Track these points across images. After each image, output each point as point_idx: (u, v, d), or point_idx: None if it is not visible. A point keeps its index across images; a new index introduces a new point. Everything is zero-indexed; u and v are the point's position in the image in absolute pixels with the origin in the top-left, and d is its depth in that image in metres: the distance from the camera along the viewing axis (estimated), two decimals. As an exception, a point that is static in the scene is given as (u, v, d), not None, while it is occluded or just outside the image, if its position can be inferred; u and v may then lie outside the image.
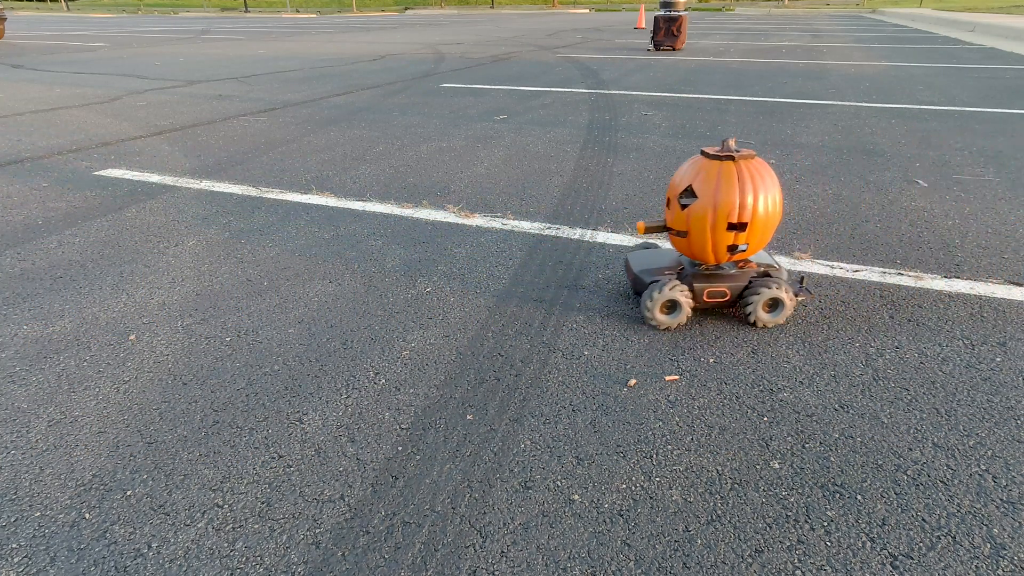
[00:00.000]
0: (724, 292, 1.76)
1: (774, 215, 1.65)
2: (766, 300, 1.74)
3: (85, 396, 1.51)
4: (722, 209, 1.62)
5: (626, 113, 4.95)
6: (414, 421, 1.41)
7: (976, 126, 4.34)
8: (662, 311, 1.76)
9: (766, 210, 1.63)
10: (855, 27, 16.35)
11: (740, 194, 1.61)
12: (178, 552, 1.08)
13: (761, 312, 1.75)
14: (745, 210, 1.61)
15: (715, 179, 1.63)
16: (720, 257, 1.71)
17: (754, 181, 1.62)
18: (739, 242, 1.66)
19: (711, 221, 1.64)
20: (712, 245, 1.68)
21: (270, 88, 6.37)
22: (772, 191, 1.64)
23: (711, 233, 1.65)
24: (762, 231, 1.66)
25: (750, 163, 1.64)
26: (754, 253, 1.75)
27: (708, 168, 1.64)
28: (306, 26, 19.32)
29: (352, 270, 2.19)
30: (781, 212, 1.69)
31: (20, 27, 19.28)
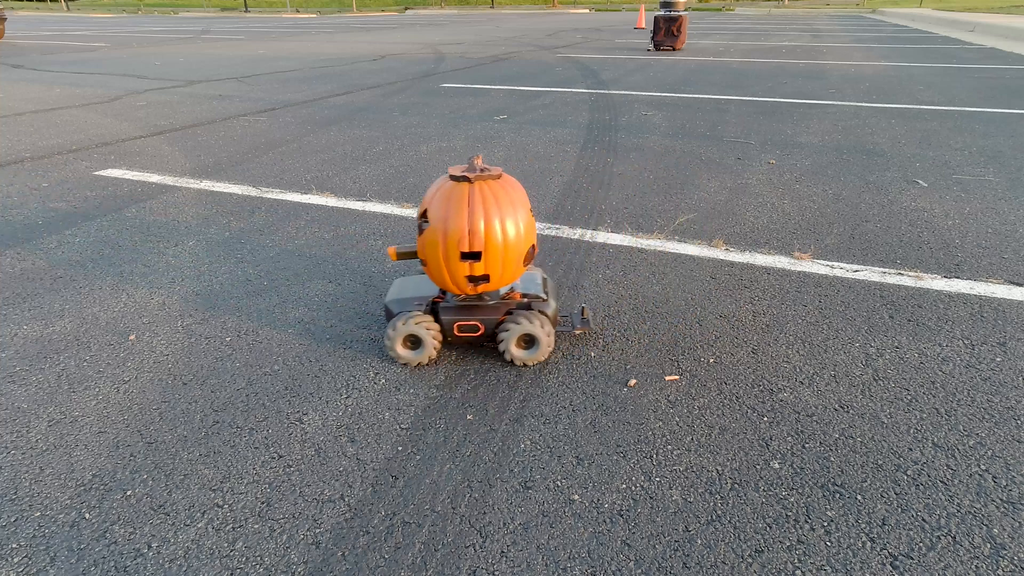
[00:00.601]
0: (476, 326, 1.60)
1: (516, 242, 1.47)
2: (519, 336, 1.56)
3: (85, 396, 1.51)
4: (451, 236, 1.44)
5: (626, 113, 4.95)
6: (414, 421, 1.41)
7: (976, 126, 4.34)
8: (404, 346, 1.60)
9: (504, 237, 1.45)
10: (855, 27, 16.35)
11: (470, 220, 1.43)
12: (178, 552, 1.09)
13: (514, 349, 1.58)
14: (476, 237, 1.43)
15: (445, 203, 1.45)
16: (463, 288, 1.53)
17: (487, 205, 1.44)
18: (476, 272, 1.48)
19: (443, 249, 1.46)
20: (449, 275, 1.50)
21: (270, 88, 6.37)
22: (513, 215, 1.46)
23: (445, 262, 1.48)
24: (505, 260, 1.48)
25: (487, 185, 1.46)
26: (504, 284, 1.55)
27: (444, 190, 1.47)
28: (306, 26, 19.32)
29: (352, 270, 2.19)
30: (531, 236, 1.52)
31: (20, 27, 19.28)
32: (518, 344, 1.59)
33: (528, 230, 1.51)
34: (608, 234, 2.49)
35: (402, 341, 1.59)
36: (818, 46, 10.68)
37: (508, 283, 1.57)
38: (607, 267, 2.19)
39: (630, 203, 2.85)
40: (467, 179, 1.45)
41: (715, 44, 11.34)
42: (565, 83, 6.58)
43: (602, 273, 2.14)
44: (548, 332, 1.57)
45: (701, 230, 2.52)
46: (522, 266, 1.55)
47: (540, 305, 1.62)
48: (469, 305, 1.61)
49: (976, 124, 4.41)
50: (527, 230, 1.50)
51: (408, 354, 1.60)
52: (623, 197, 2.93)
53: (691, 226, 2.56)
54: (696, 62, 8.37)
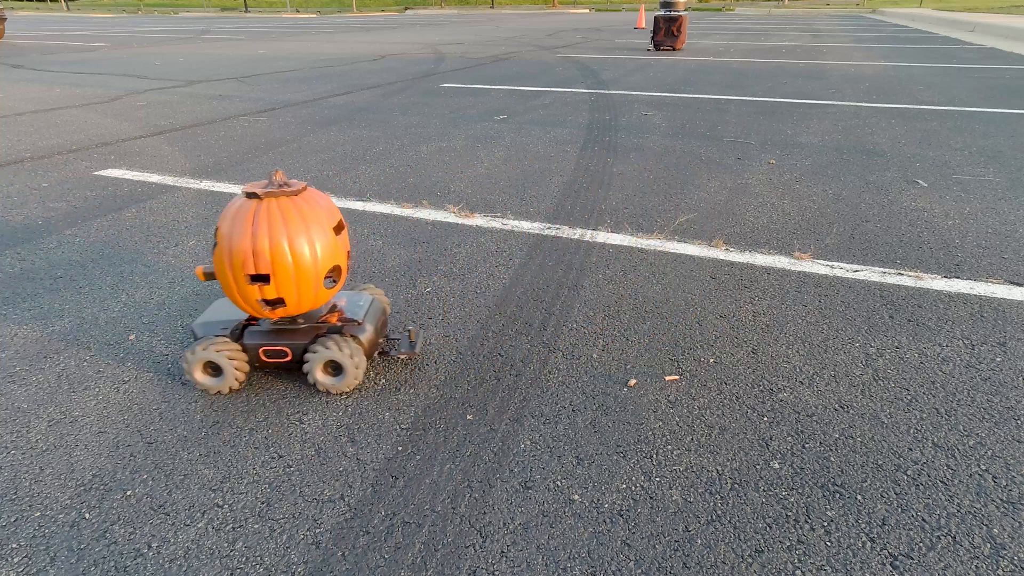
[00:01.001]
0: (284, 351, 1.50)
1: (311, 263, 1.37)
2: (323, 363, 1.47)
3: (85, 396, 1.51)
4: (236, 257, 1.34)
5: (626, 113, 4.95)
6: (414, 421, 1.41)
7: (976, 126, 4.34)
8: (204, 373, 1.48)
9: (295, 259, 1.35)
10: (855, 27, 16.35)
11: (254, 239, 1.33)
12: (178, 552, 1.09)
13: (320, 376, 1.48)
14: (261, 259, 1.33)
15: (232, 221, 1.35)
16: (259, 312, 1.43)
17: (272, 223, 1.34)
18: (267, 296, 1.38)
19: (230, 271, 1.36)
20: (242, 298, 1.40)
21: (270, 88, 6.37)
22: (306, 234, 1.36)
23: (234, 284, 1.38)
24: (299, 283, 1.38)
25: (279, 202, 1.36)
26: (304, 308, 1.45)
27: (234, 207, 1.38)
28: (306, 26, 19.32)
29: (352, 270, 2.19)
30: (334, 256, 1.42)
31: (20, 27, 19.28)
32: (324, 371, 1.48)
33: (329, 250, 1.40)
34: (608, 234, 2.49)
35: (201, 368, 1.47)
36: (818, 46, 10.68)
37: (310, 307, 1.46)
38: (607, 267, 2.19)
39: (630, 203, 2.85)
40: (256, 196, 1.36)
41: (715, 44, 11.34)
42: (565, 83, 6.58)
43: (602, 273, 2.14)
44: (356, 359, 1.46)
45: (701, 230, 2.52)
46: (324, 289, 1.44)
47: (353, 330, 1.51)
48: (279, 329, 1.51)
49: (976, 124, 4.41)
50: (326, 251, 1.40)
51: (208, 381, 1.49)
52: (623, 197, 2.93)
53: (691, 226, 2.56)
54: (696, 62, 8.37)
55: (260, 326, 1.53)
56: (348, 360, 1.45)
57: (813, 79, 6.70)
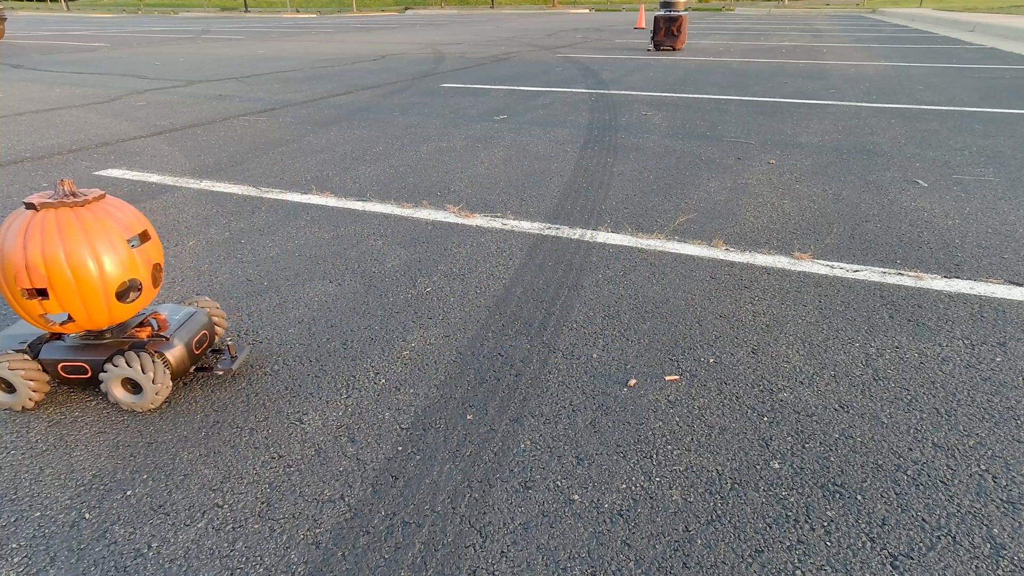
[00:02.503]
0: (83, 367, 1.42)
1: (96, 278, 1.31)
2: (120, 380, 1.40)
3: (85, 396, 1.51)
4: (8, 270, 1.28)
5: (626, 113, 4.95)
6: (414, 421, 1.41)
7: (976, 126, 4.34)
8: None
9: (76, 273, 1.29)
10: (855, 27, 16.35)
11: (26, 252, 1.27)
12: (178, 552, 1.09)
13: (118, 393, 1.41)
14: (35, 272, 1.27)
15: (5, 232, 1.31)
16: (47, 327, 1.37)
17: (47, 236, 1.27)
18: (49, 311, 1.32)
19: (4, 284, 1.30)
20: (25, 312, 1.34)
21: (270, 88, 6.37)
22: (89, 247, 1.30)
23: (12, 299, 1.32)
24: (85, 298, 1.32)
25: (56, 213, 1.30)
26: (98, 324, 1.38)
27: (11, 218, 1.33)
28: (306, 26, 19.32)
29: (352, 270, 2.19)
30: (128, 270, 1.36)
31: (20, 27, 19.28)
32: (123, 388, 1.41)
33: (120, 263, 1.34)
34: (608, 234, 2.49)
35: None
36: (818, 46, 10.68)
37: (107, 323, 1.39)
38: (607, 267, 2.19)
39: (630, 203, 2.85)
40: (33, 206, 1.30)
41: (715, 44, 11.34)
42: (565, 83, 6.58)
43: (602, 273, 2.14)
44: (153, 376, 1.38)
45: (701, 230, 2.52)
46: (119, 303, 1.37)
47: (159, 346, 1.42)
48: (82, 345, 1.43)
49: (976, 124, 4.41)
50: (117, 264, 1.33)
51: (2, 397, 1.41)
52: (623, 197, 2.93)
53: (691, 226, 2.56)
54: (696, 62, 8.37)
55: (64, 341, 1.45)
56: (144, 377, 1.37)
57: (813, 79, 6.70)
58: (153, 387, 1.39)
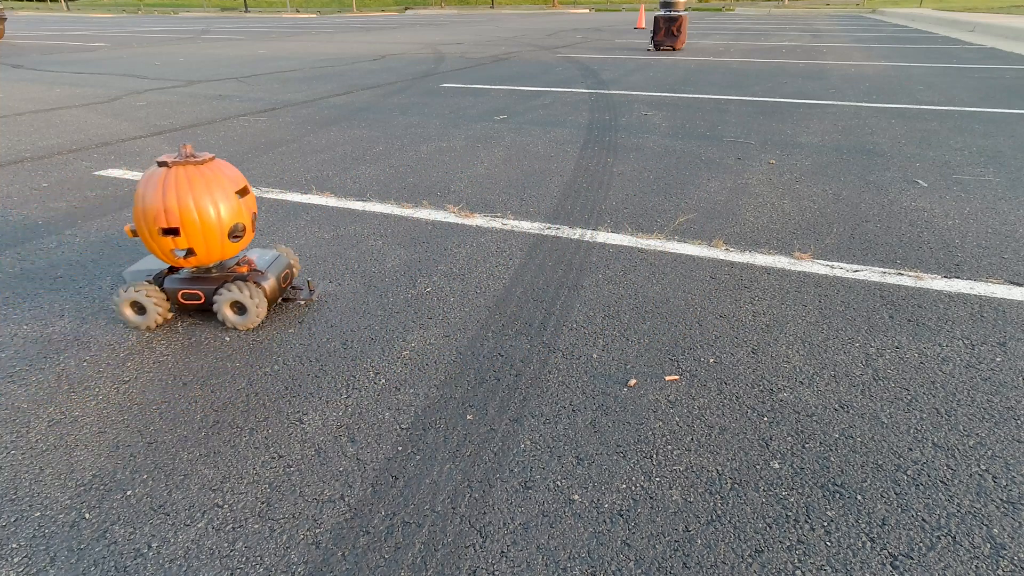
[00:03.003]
0: (198, 295, 1.80)
1: (215, 220, 1.67)
2: (229, 303, 1.76)
3: (85, 396, 1.51)
4: (149, 213, 1.64)
5: (626, 113, 4.95)
6: (414, 421, 1.41)
7: (976, 126, 4.34)
8: (132, 311, 1.79)
9: (201, 216, 1.65)
10: (855, 27, 16.35)
11: (164, 199, 1.63)
12: (178, 552, 1.09)
13: (227, 313, 1.78)
14: (172, 215, 1.63)
15: (146, 184, 1.65)
16: (171, 260, 1.73)
17: (179, 187, 1.63)
18: (179, 246, 1.67)
19: (146, 225, 1.66)
20: (158, 248, 1.69)
21: (270, 88, 6.37)
22: (210, 197, 1.66)
23: (150, 237, 1.67)
24: (206, 236, 1.68)
25: (186, 170, 1.65)
26: (214, 258, 1.75)
27: (148, 174, 1.68)
28: (306, 26, 19.32)
29: (352, 270, 2.19)
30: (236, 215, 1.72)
31: (20, 27, 19.28)
32: (231, 309, 1.78)
33: (231, 210, 1.71)
34: (608, 234, 2.49)
35: (128, 306, 1.79)
36: (818, 46, 10.68)
37: (219, 258, 1.76)
38: (607, 267, 2.19)
39: (630, 203, 2.85)
40: (166, 164, 1.65)
41: (715, 44, 11.34)
42: (565, 83, 6.58)
43: (602, 273, 2.14)
44: (257, 301, 1.76)
45: (701, 230, 2.52)
46: (228, 241, 1.73)
47: (257, 278, 1.80)
48: (195, 277, 1.81)
49: (976, 124, 4.41)
50: (229, 210, 1.70)
51: (134, 318, 1.80)
52: (623, 197, 2.93)
53: (691, 226, 2.56)
54: (696, 62, 8.37)
55: (180, 274, 1.82)
56: (250, 302, 1.75)
57: (813, 79, 6.70)
58: (255, 309, 1.77)
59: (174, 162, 1.65)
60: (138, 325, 1.80)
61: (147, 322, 1.79)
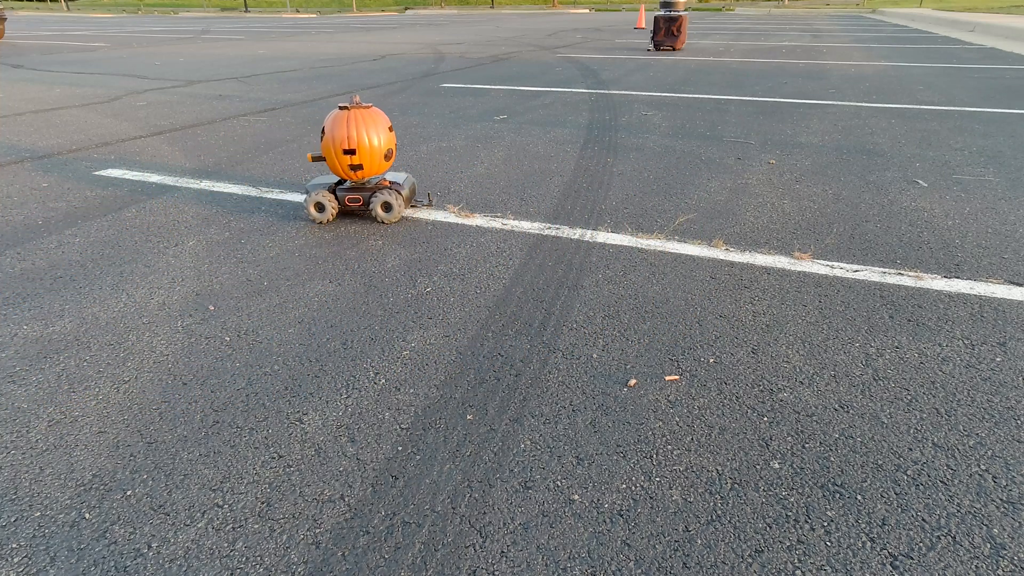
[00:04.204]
0: (358, 199, 2.61)
1: (378, 146, 2.48)
2: (381, 203, 2.59)
3: (85, 396, 1.51)
4: (337, 140, 2.44)
5: (626, 113, 4.95)
6: (414, 421, 1.41)
7: (976, 126, 4.34)
8: (314, 209, 2.59)
9: (373, 142, 2.46)
10: (855, 27, 16.35)
11: (348, 129, 2.43)
12: (178, 552, 1.09)
13: (380, 211, 2.60)
14: (353, 140, 2.43)
15: (333, 122, 2.45)
16: (347, 174, 2.52)
17: (357, 123, 2.43)
18: (354, 162, 2.47)
19: (333, 148, 2.45)
20: (339, 165, 2.49)
21: (270, 88, 6.37)
22: (376, 130, 2.46)
23: (335, 155, 2.47)
24: (371, 156, 2.48)
25: (359, 111, 2.47)
26: (372, 172, 2.53)
27: (333, 115, 2.47)
28: (306, 26, 19.32)
29: (352, 270, 2.19)
30: (389, 144, 2.52)
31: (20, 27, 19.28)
32: (382, 208, 2.60)
33: (385, 139, 2.51)
34: (608, 234, 2.49)
35: (313, 206, 2.58)
36: (818, 46, 10.68)
37: (376, 173, 2.55)
38: (607, 267, 2.19)
39: (630, 203, 2.85)
40: (346, 107, 2.47)
41: (715, 44, 11.34)
42: (565, 83, 6.58)
43: (602, 273, 2.14)
44: (399, 203, 2.59)
45: (701, 230, 2.52)
46: (384, 162, 2.53)
47: (397, 188, 2.61)
48: (355, 187, 2.61)
49: (976, 124, 4.41)
50: (385, 140, 2.50)
51: (317, 215, 2.60)
52: (623, 197, 2.93)
53: (691, 226, 2.57)
54: (696, 62, 8.37)
55: (343, 186, 2.63)
56: (396, 202, 2.59)
57: (813, 79, 6.70)
58: (398, 208, 2.60)
59: (352, 107, 2.46)
60: (319, 219, 2.60)
61: (324, 217, 2.60)
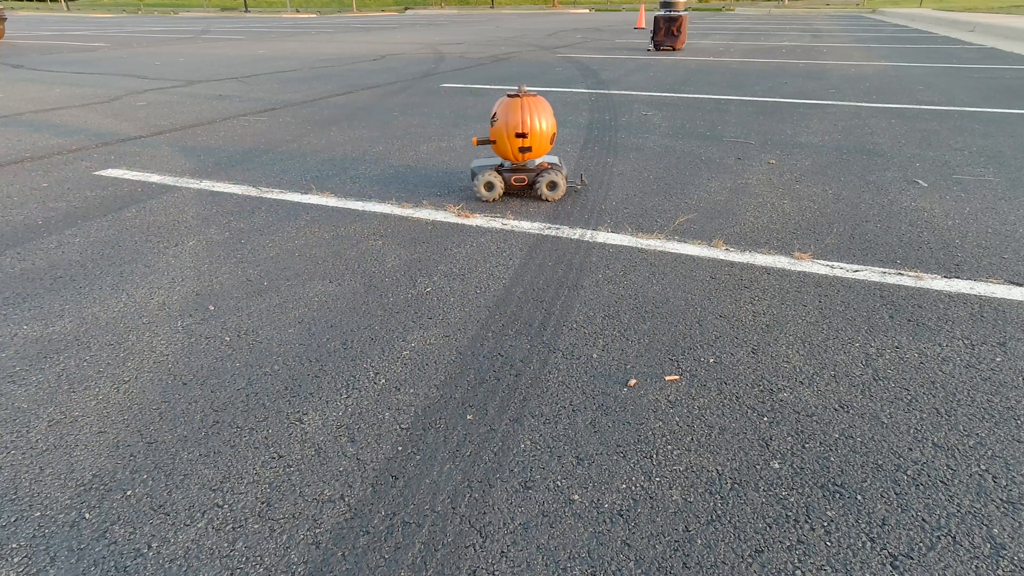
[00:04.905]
0: (524, 179, 2.84)
1: (545, 130, 2.73)
2: (547, 182, 2.82)
3: (85, 396, 1.51)
4: (511, 125, 2.69)
5: (626, 113, 4.95)
6: (414, 421, 1.41)
7: (976, 126, 4.34)
8: (485, 188, 2.83)
9: (541, 126, 2.72)
10: (855, 27, 16.35)
11: (522, 115, 2.68)
12: (178, 552, 1.09)
13: (544, 190, 2.84)
14: (525, 125, 2.69)
15: (507, 108, 2.71)
16: (516, 156, 2.77)
17: (529, 108, 2.70)
18: (525, 145, 2.73)
19: (506, 132, 2.71)
20: (510, 148, 2.75)
21: (270, 88, 6.37)
22: (544, 115, 2.72)
23: (508, 140, 2.73)
24: (539, 139, 2.74)
25: (529, 99, 2.73)
26: (539, 154, 2.79)
27: (505, 102, 2.74)
28: (306, 26, 19.32)
29: (352, 270, 2.19)
30: (554, 128, 2.78)
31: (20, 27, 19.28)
32: (547, 187, 2.84)
33: (551, 125, 2.77)
34: (608, 234, 2.49)
35: (483, 185, 2.83)
36: (818, 46, 10.68)
37: (541, 155, 2.83)
38: (607, 267, 2.19)
39: (630, 203, 2.85)
40: (518, 95, 2.75)
41: (715, 44, 11.34)
42: (565, 83, 6.58)
43: (602, 273, 2.14)
44: (562, 181, 2.84)
45: (701, 230, 2.52)
46: (549, 145, 2.80)
47: (556, 168, 2.86)
48: (518, 168, 2.86)
49: (976, 124, 4.41)
50: (550, 125, 2.77)
51: (486, 193, 2.85)
52: (623, 197, 2.93)
53: (691, 226, 2.57)
54: (696, 62, 8.37)
55: (506, 167, 2.88)
56: (561, 181, 2.85)
57: (813, 79, 6.70)
58: (562, 186, 2.86)
59: (522, 94, 2.73)
60: (487, 198, 2.84)
61: (493, 195, 2.84)
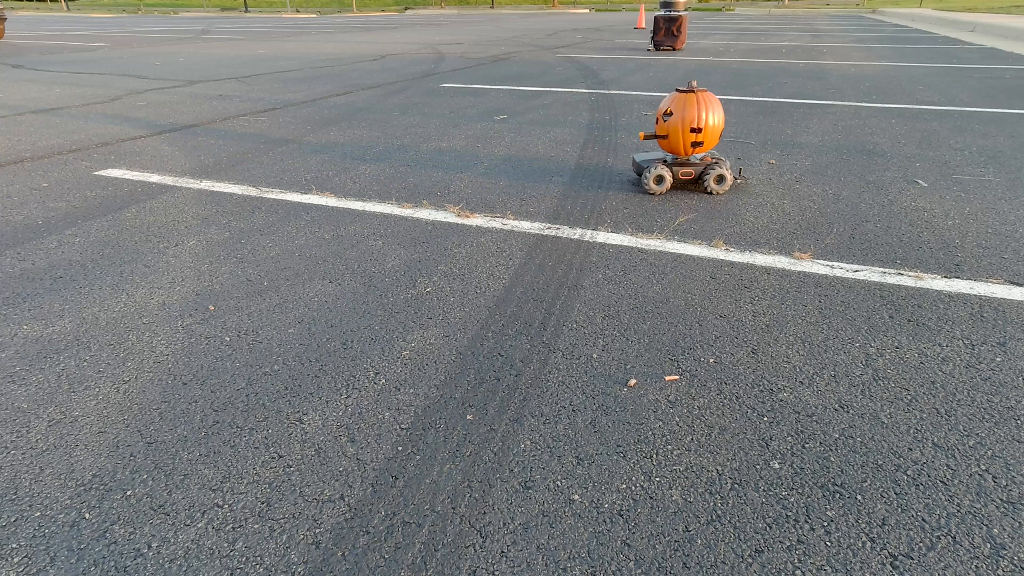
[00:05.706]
0: (691, 173, 2.92)
1: (717, 125, 2.81)
2: (715, 176, 2.89)
3: (85, 396, 1.51)
4: (687, 120, 2.77)
5: (626, 113, 4.95)
6: (414, 421, 1.41)
7: (976, 126, 4.34)
8: (655, 182, 2.90)
9: (713, 121, 2.79)
10: (855, 27, 16.35)
11: (698, 111, 2.76)
12: (178, 552, 1.09)
13: (712, 184, 2.90)
14: (701, 120, 2.77)
15: (683, 103, 2.78)
16: (688, 151, 2.86)
17: (703, 104, 2.77)
18: (698, 140, 2.81)
19: (681, 128, 2.79)
20: (683, 142, 2.83)
21: (270, 88, 6.37)
22: (716, 111, 2.79)
23: (682, 135, 2.81)
24: (711, 134, 2.81)
25: (703, 94, 2.80)
26: (708, 149, 2.87)
27: (679, 98, 2.81)
28: (306, 26, 19.32)
29: (352, 270, 2.19)
30: (723, 124, 2.84)
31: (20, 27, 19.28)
32: (715, 181, 2.90)
33: (721, 120, 2.82)
34: (608, 234, 2.49)
35: (653, 180, 2.89)
36: (818, 46, 10.68)
37: (710, 148, 2.89)
38: (607, 267, 2.19)
39: (630, 203, 2.85)
40: (692, 90, 2.81)
41: (715, 44, 11.34)
42: (565, 83, 6.58)
43: (602, 273, 2.14)
44: (729, 174, 2.89)
45: (701, 230, 2.52)
46: (717, 140, 2.86)
47: (721, 162, 2.89)
48: (683, 162, 2.93)
49: (976, 124, 4.41)
50: (721, 120, 2.82)
51: (655, 187, 2.91)
52: (623, 197, 2.93)
53: (691, 226, 2.56)
54: (696, 62, 8.37)
55: (669, 160, 2.96)
56: (728, 175, 2.90)
57: (813, 79, 6.70)
58: (729, 180, 2.91)
59: (695, 90, 2.79)
60: (656, 191, 2.91)
61: (662, 188, 2.91)
